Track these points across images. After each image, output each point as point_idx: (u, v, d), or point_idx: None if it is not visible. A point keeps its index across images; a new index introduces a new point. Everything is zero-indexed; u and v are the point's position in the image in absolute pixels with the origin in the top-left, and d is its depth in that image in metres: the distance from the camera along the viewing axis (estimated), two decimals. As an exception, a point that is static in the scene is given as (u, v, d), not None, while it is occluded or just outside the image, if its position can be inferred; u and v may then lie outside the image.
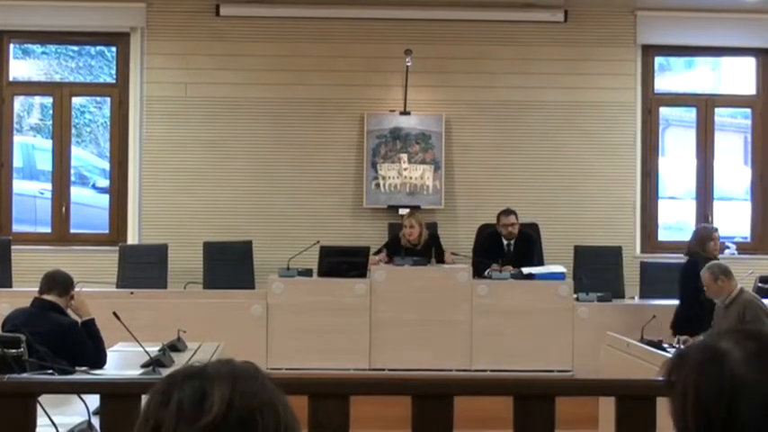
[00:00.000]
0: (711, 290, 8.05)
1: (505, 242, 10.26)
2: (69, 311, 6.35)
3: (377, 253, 10.18)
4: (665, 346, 7.46)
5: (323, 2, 11.10)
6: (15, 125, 11.46)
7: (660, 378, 2.00)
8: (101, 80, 11.69)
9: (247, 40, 11.11)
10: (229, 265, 10.40)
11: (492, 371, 9.42)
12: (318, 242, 10.05)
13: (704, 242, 9.30)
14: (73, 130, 11.44)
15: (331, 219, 11.05)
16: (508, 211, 10.24)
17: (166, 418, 1.56)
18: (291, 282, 9.77)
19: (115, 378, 4.97)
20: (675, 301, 9.10)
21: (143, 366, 5.96)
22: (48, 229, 11.30)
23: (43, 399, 3.61)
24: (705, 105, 11.56)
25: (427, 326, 9.65)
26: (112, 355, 6.44)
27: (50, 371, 5.37)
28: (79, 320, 6.28)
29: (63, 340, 5.97)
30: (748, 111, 11.73)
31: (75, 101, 11.50)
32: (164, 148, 11.10)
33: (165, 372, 5.63)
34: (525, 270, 9.90)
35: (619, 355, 7.62)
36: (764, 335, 1.78)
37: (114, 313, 6.18)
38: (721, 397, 1.70)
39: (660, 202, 11.56)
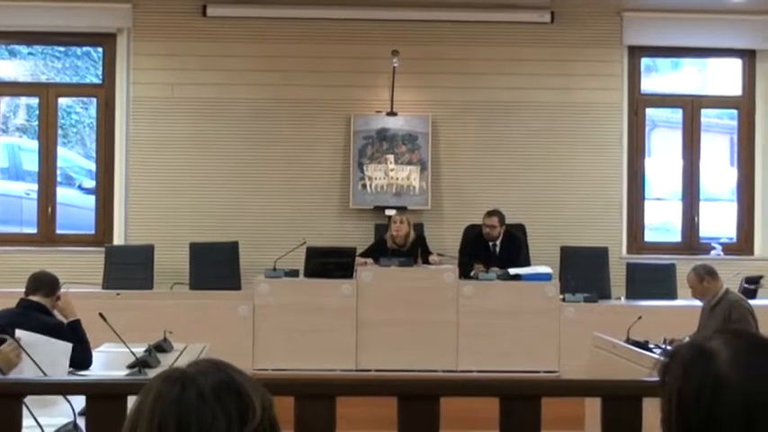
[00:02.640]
0: (697, 291, 8.04)
1: (491, 243, 10.26)
2: (55, 312, 6.33)
3: (362, 255, 10.17)
4: (651, 346, 7.47)
5: (309, 2, 11.08)
6: (1, 125, 11.44)
7: (646, 379, 1.99)
8: (87, 81, 11.65)
9: (234, 40, 11.09)
10: (216, 266, 10.37)
11: (478, 371, 9.42)
12: (305, 243, 10.05)
13: None
14: (59, 131, 11.42)
15: (317, 219, 11.04)
16: (491, 212, 10.25)
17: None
18: (278, 282, 9.76)
19: (101, 379, 4.95)
20: (662, 302, 9.08)
21: (129, 367, 5.94)
22: (34, 230, 11.25)
23: (28, 400, 3.59)
24: (691, 106, 11.58)
25: (413, 326, 9.64)
26: (98, 355, 6.42)
27: (36, 372, 5.34)
28: (65, 321, 6.26)
29: (49, 341, 5.93)
30: (734, 112, 11.74)
31: (62, 101, 11.47)
32: (150, 149, 11.07)
33: (152, 372, 5.63)
34: (512, 271, 9.90)
35: (605, 355, 7.62)
36: (755, 335, 1.77)
37: (101, 314, 6.16)
38: (702, 396, 1.68)
39: (646, 202, 11.57)
